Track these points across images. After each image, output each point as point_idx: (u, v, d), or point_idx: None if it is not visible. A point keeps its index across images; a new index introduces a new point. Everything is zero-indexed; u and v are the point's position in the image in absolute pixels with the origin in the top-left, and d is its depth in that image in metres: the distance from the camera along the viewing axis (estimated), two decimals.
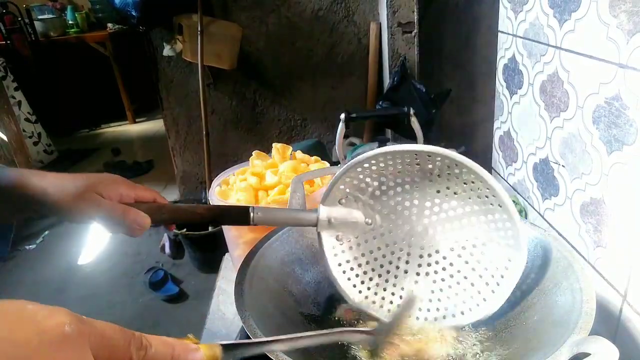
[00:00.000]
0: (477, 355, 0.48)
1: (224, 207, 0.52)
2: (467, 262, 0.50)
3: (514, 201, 0.78)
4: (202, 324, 0.69)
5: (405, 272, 0.52)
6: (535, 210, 0.73)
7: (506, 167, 0.84)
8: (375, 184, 0.50)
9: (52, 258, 2.11)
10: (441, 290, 0.51)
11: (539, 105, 0.68)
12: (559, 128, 0.63)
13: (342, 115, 0.91)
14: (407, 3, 1.67)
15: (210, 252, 1.82)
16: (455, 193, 0.48)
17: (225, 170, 0.82)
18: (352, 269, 0.52)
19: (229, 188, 0.77)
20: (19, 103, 2.66)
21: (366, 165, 0.48)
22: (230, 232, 0.75)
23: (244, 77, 2.02)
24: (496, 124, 0.86)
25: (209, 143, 1.84)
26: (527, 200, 0.76)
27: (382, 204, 0.51)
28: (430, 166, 0.47)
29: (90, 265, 2.05)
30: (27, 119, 2.71)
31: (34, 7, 3.15)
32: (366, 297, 0.52)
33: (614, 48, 0.50)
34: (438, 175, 0.48)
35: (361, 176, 0.49)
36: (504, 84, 0.80)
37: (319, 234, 0.51)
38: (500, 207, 0.45)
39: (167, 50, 1.89)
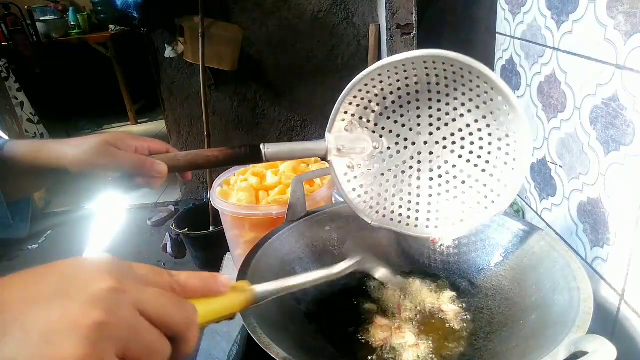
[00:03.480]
0: (477, 355, 0.49)
1: (236, 146, 0.52)
2: (476, 165, 0.51)
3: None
4: None
5: (418, 187, 0.53)
6: (533, 210, 0.73)
7: None
8: (377, 105, 0.50)
9: (54, 258, 2.08)
10: (455, 197, 0.52)
11: (537, 106, 0.69)
12: (557, 129, 0.64)
13: None
14: (406, 5, 1.68)
15: (212, 252, 1.82)
16: (455, 98, 0.48)
17: (227, 171, 0.82)
18: (366, 192, 0.53)
19: (230, 188, 0.78)
20: (22, 104, 2.67)
21: (366, 84, 0.48)
22: (231, 232, 0.76)
23: (245, 78, 2.02)
24: None
25: (210, 144, 1.85)
26: (524, 201, 0.76)
27: (387, 125, 0.52)
28: (427, 74, 0.47)
29: None
30: (29, 120, 2.72)
31: (36, 9, 3.16)
32: (384, 216, 0.53)
33: (612, 49, 0.50)
34: (437, 84, 0.48)
35: (362, 99, 0.50)
36: None
37: (330, 163, 0.52)
38: (501, 99, 0.45)
39: (168, 52, 1.89)
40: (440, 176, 0.53)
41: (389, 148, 0.53)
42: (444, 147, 0.52)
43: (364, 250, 0.51)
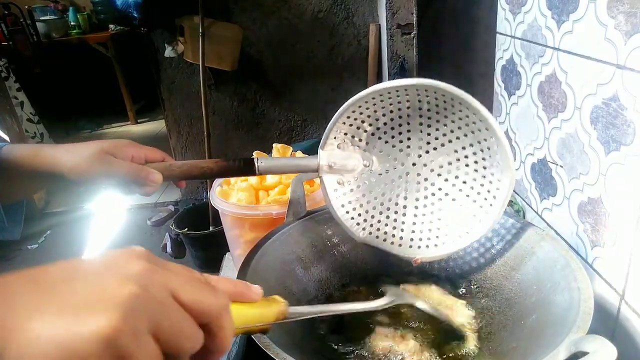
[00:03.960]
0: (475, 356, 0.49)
1: (230, 159, 0.53)
2: (461, 190, 0.53)
3: (511, 201, 0.78)
4: None
5: (404, 207, 0.55)
6: (533, 210, 0.73)
7: None
8: (369, 126, 0.52)
9: (54, 258, 2.08)
10: (439, 219, 0.54)
11: (537, 106, 0.69)
12: (557, 129, 0.64)
13: None
14: (406, 5, 1.68)
15: (212, 252, 1.82)
16: (445, 125, 0.51)
17: None
18: (354, 209, 0.55)
19: (230, 188, 0.78)
20: (22, 104, 2.67)
21: (360, 105, 0.50)
22: (231, 232, 0.76)
23: (245, 78, 2.02)
24: None
25: (210, 144, 1.85)
26: (525, 200, 0.76)
27: (378, 145, 0.54)
28: (419, 100, 0.49)
29: None
30: (29, 120, 2.72)
31: (36, 9, 3.16)
32: (370, 233, 0.55)
33: (612, 49, 0.50)
34: (428, 110, 0.50)
35: (356, 119, 0.51)
36: (502, 84, 0.81)
37: (321, 179, 0.54)
38: (487, 130, 0.47)
39: (168, 52, 1.89)
40: (426, 197, 0.55)
41: (378, 167, 0.54)
42: (432, 170, 0.54)
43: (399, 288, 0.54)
